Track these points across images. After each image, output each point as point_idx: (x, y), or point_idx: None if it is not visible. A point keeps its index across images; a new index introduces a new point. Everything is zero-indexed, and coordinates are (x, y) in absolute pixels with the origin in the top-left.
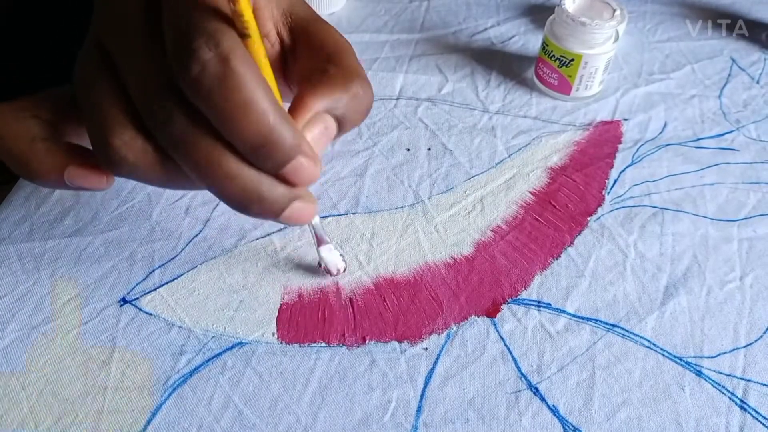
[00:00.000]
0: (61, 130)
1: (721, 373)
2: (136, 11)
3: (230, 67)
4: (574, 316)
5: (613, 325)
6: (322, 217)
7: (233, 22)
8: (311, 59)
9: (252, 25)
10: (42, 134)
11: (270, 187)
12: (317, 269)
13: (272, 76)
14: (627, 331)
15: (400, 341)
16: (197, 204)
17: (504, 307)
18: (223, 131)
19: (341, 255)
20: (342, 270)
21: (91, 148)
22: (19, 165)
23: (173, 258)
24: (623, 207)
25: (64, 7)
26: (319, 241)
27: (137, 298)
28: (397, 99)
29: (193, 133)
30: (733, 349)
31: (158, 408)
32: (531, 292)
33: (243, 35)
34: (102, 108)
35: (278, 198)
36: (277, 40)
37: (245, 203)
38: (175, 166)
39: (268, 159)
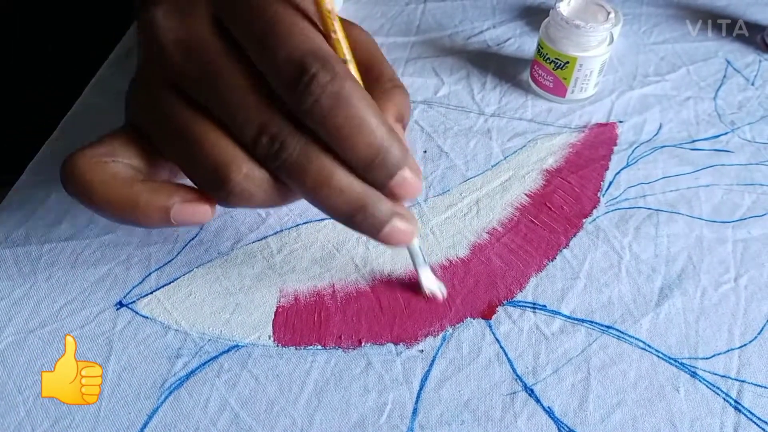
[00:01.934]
0: (147, 172)
1: (715, 374)
2: (214, 53)
3: (346, 89)
4: (569, 317)
5: (608, 327)
6: (319, 220)
7: (334, 48)
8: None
9: (350, 51)
10: (138, 177)
11: (375, 200)
12: (314, 273)
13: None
14: (622, 332)
15: (395, 343)
16: None
17: (499, 309)
18: (339, 148)
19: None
20: (446, 294)
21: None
22: (123, 210)
23: (169, 261)
24: (618, 209)
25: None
26: (420, 266)
27: (134, 302)
28: None
29: (307, 156)
30: (728, 350)
31: (154, 411)
32: (526, 294)
33: (344, 60)
34: (210, 146)
35: (381, 210)
36: None
37: (350, 214)
38: (286, 188)
39: (380, 170)
